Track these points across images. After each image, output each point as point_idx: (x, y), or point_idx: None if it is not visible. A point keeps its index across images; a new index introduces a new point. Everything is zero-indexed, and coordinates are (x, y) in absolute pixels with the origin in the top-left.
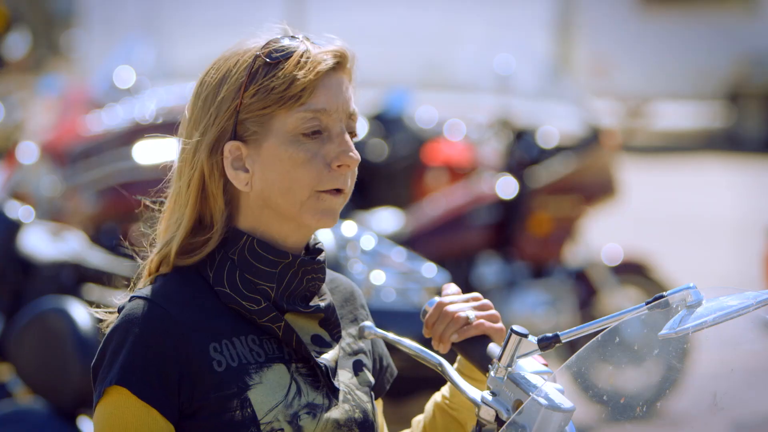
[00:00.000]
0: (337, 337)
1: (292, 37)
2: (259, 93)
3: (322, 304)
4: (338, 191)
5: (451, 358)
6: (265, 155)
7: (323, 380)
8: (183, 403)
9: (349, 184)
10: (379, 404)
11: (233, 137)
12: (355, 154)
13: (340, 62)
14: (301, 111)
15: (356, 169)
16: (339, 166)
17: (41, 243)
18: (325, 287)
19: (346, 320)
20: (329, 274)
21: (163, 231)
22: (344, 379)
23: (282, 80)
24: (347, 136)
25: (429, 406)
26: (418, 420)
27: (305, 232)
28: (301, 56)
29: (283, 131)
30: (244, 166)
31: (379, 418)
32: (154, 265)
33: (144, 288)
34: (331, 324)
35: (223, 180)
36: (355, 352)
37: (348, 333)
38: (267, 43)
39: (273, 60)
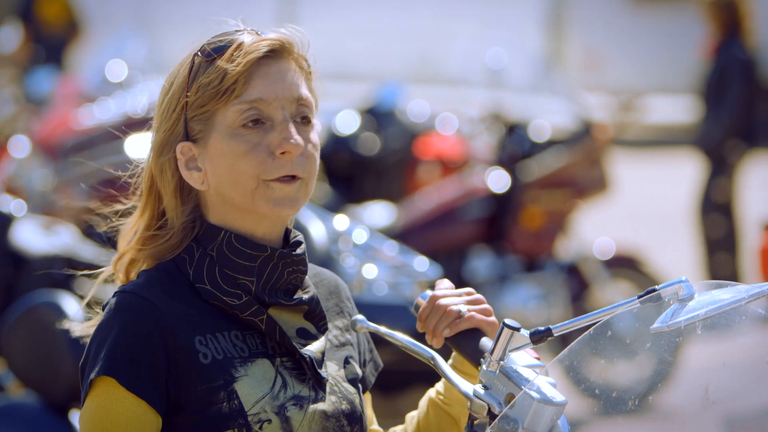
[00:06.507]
0: (323, 330)
1: (238, 31)
2: (199, 91)
3: (305, 296)
4: (291, 178)
5: (445, 352)
6: (211, 152)
7: (309, 372)
8: (171, 396)
9: (305, 170)
10: (367, 397)
11: (185, 138)
12: (298, 140)
13: (279, 49)
14: (237, 103)
15: (316, 154)
16: (282, 153)
17: (33, 237)
18: (308, 280)
19: (331, 313)
20: (313, 268)
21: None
22: (331, 371)
23: (215, 75)
24: (290, 124)
25: (423, 402)
26: (412, 416)
27: (269, 223)
28: (235, 49)
29: (224, 125)
30: (197, 165)
31: (368, 410)
32: (124, 264)
33: (127, 284)
34: (316, 316)
35: (177, 179)
36: (342, 345)
37: (335, 325)
38: (206, 41)
39: (208, 57)
